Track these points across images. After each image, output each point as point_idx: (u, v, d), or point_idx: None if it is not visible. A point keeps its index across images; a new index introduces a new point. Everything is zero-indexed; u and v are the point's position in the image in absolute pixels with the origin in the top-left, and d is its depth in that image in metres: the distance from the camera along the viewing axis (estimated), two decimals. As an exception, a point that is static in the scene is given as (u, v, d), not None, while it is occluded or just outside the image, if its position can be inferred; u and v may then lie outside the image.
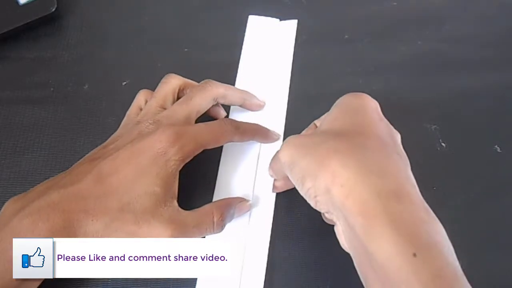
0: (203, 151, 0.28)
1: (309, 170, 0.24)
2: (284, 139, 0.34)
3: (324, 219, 0.29)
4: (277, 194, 0.32)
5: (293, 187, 0.31)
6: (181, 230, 0.26)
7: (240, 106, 0.34)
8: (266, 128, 0.33)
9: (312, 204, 0.25)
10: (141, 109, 0.31)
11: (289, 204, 0.32)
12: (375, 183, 0.22)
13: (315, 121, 0.32)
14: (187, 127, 0.28)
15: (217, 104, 0.33)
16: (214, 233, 0.28)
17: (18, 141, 0.34)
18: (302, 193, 0.26)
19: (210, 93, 0.31)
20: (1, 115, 0.35)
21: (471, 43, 0.40)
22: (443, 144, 0.35)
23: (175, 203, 0.27)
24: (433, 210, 0.26)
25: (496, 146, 0.35)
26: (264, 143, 0.34)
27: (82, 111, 0.35)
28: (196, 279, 0.29)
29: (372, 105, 0.27)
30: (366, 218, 0.21)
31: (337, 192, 0.22)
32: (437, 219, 0.22)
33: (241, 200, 0.30)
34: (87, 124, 0.35)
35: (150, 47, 0.39)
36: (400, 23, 0.41)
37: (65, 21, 0.40)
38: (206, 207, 0.28)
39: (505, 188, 0.34)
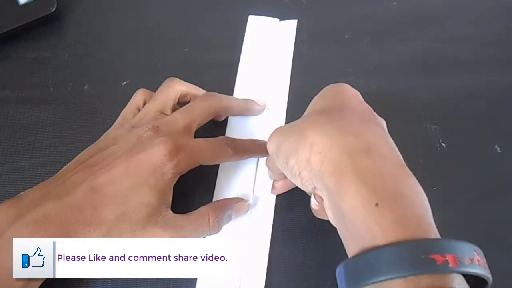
0: None
1: (291, 148, 0.24)
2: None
3: (314, 213, 0.28)
4: (277, 194, 0.32)
5: (293, 187, 0.31)
6: (177, 234, 0.26)
7: (242, 115, 0.34)
8: (264, 145, 0.33)
9: (299, 183, 0.25)
10: (138, 110, 0.31)
11: (289, 204, 0.32)
12: (348, 142, 0.22)
13: None
14: (187, 141, 0.28)
15: None
16: (211, 234, 0.29)
17: (18, 141, 0.34)
18: (289, 175, 0.26)
19: (213, 107, 0.31)
20: (1, 115, 0.35)
21: (471, 43, 0.40)
22: (443, 144, 0.35)
23: (169, 211, 0.27)
24: (433, 210, 0.26)
25: (496, 146, 0.35)
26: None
27: (82, 111, 0.35)
28: (196, 279, 0.29)
29: (353, 92, 0.27)
30: (337, 176, 0.21)
31: (314, 160, 0.22)
32: (413, 177, 0.22)
33: (238, 200, 0.30)
34: (87, 124, 0.35)
35: (150, 47, 0.39)
36: (400, 23, 0.41)
37: (65, 21, 0.40)
38: (202, 209, 0.28)
39: (505, 188, 0.34)
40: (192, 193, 0.31)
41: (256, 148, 0.32)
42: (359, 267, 0.19)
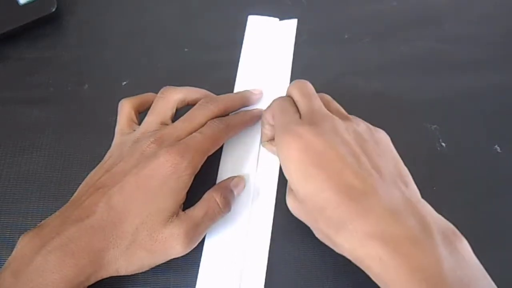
0: None
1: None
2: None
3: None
4: (278, 194, 0.32)
5: None
6: (193, 225, 0.27)
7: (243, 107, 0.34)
8: (250, 113, 0.33)
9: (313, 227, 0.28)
10: (132, 120, 0.31)
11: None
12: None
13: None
14: (186, 141, 0.28)
15: None
16: (224, 214, 0.29)
17: (18, 141, 0.34)
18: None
19: (214, 113, 0.31)
20: (1, 115, 0.35)
21: (471, 43, 0.40)
22: (443, 144, 0.35)
23: (181, 210, 0.28)
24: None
25: (496, 146, 0.35)
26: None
27: (82, 111, 0.35)
28: (196, 279, 0.29)
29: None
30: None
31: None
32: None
33: (233, 177, 0.31)
34: (87, 124, 0.35)
35: (150, 47, 0.39)
36: (400, 23, 0.41)
37: (65, 21, 0.40)
38: (205, 194, 0.29)
39: (505, 188, 0.34)
40: (191, 194, 0.31)
41: (246, 120, 0.33)
42: None
